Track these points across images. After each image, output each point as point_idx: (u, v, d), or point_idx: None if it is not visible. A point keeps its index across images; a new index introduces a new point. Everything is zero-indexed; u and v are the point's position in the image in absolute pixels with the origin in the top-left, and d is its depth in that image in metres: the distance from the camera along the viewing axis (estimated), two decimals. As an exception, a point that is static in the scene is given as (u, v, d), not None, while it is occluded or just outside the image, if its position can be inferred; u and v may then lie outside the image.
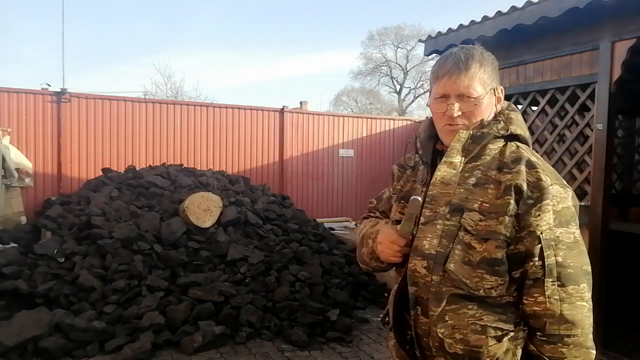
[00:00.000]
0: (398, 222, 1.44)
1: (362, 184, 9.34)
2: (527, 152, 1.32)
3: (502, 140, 1.35)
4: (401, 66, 30.96)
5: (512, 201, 1.24)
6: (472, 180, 1.31)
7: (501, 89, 1.41)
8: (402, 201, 1.46)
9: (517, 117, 1.40)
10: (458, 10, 40.56)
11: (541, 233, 1.23)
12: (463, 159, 1.34)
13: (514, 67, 4.33)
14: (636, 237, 5.15)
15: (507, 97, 4.41)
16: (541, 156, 4.33)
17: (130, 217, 5.35)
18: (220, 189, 6.41)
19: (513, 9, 3.91)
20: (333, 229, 6.91)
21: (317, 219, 7.09)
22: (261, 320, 4.40)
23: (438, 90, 1.36)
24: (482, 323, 1.26)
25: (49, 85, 7.17)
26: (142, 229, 5.12)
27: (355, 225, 7.80)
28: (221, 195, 5.86)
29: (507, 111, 1.41)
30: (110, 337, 3.90)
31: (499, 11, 4.06)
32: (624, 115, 6.30)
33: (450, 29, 4.57)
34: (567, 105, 3.93)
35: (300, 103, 11.12)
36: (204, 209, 5.48)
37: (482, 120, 1.35)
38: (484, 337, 1.26)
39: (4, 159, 6.05)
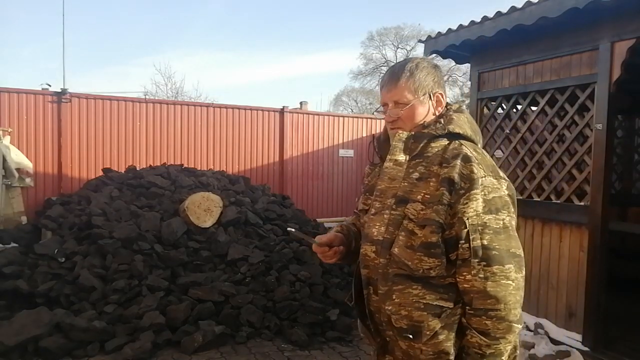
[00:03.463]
0: (362, 211, 1.66)
1: (362, 184, 9.34)
2: (468, 149, 1.44)
3: (446, 139, 1.49)
4: (401, 66, 30.95)
5: (445, 192, 1.39)
6: (416, 175, 1.47)
7: (441, 94, 1.56)
8: (367, 194, 1.64)
9: (459, 117, 1.53)
10: (458, 10, 40.55)
11: (467, 219, 1.37)
12: (407, 156, 1.51)
13: (513, 67, 4.33)
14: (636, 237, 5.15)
15: (507, 97, 4.45)
16: (541, 156, 4.34)
17: (130, 217, 5.35)
18: (221, 189, 6.42)
19: (513, 9, 3.91)
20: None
21: (317, 219, 7.09)
22: (261, 320, 4.41)
23: (380, 100, 1.59)
24: (424, 301, 1.41)
25: (50, 85, 7.19)
26: (143, 228, 5.13)
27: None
28: (221, 195, 5.87)
29: (451, 112, 1.55)
30: (110, 337, 3.91)
31: (498, 11, 4.06)
32: (624, 115, 6.31)
33: (449, 29, 4.58)
34: (567, 106, 3.94)
35: (300, 103, 11.13)
36: (204, 209, 5.49)
37: (424, 122, 1.53)
38: (425, 313, 1.41)
39: (4, 159, 6.05)
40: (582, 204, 3.79)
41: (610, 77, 3.52)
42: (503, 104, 4.54)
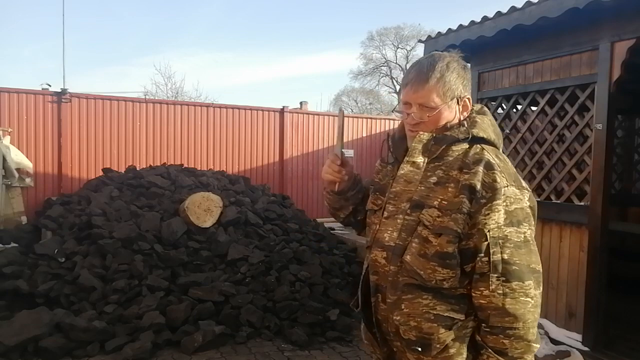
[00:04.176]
0: (370, 211, 1.55)
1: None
2: (490, 154, 1.37)
3: (467, 142, 1.40)
4: (401, 66, 30.95)
5: (465, 200, 1.31)
6: (434, 179, 1.38)
7: (468, 98, 1.45)
8: (377, 193, 1.54)
9: (482, 120, 1.45)
10: (458, 10, 40.56)
11: (488, 231, 1.30)
12: (426, 159, 1.41)
13: (513, 67, 4.33)
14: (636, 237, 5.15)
15: (507, 97, 4.45)
16: (541, 156, 4.34)
17: (130, 217, 5.35)
18: (221, 189, 6.42)
19: (513, 9, 3.91)
20: (333, 229, 6.91)
21: (317, 219, 7.10)
22: (261, 320, 4.41)
23: (402, 97, 1.45)
24: (435, 312, 1.35)
25: (50, 85, 7.18)
26: (143, 228, 5.13)
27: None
28: (221, 195, 5.87)
29: (474, 114, 1.46)
30: (110, 337, 3.91)
31: (498, 11, 4.07)
32: (624, 115, 6.31)
33: (449, 29, 4.58)
34: (567, 106, 3.94)
35: (300, 103, 11.13)
36: (204, 208, 5.49)
37: (446, 124, 1.42)
38: (435, 325, 1.34)
39: (4, 159, 6.05)
40: (582, 204, 3.79)
41: (610, 77, 3.52)
42: (503, 104, 4.54)
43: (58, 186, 6.92)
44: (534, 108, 4.38)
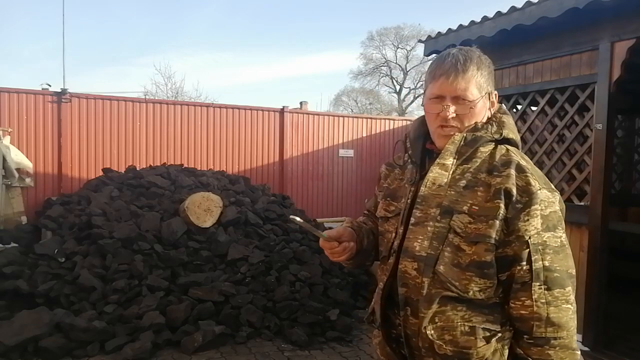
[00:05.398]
0: (383, 218, 1.49)
1: (362, 184, 9.34)
2: (517, 156, 1.32)
3: (493, 143, 1.35)
4: (401, 66, 30.98)
5: (502, 205, 1.24)
6: (463, 182, 1.31)
7: (495, 94, 1.40)
8: (388, 199, 1.48)
9: (509, 120, 1.40)
10: (458, 10, 40.58)
11: (529, 238, 1.24)
12: (455, 161, 1.33)
13: (513, 68, 4.34)
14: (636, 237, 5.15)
15: (507, 97, 4.45)
16: (541, 156, 4.34)
17: (130, 217, 5.35)
18: (221, 189, 6.42)
19: (513, 9, 3.92)
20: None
21: (317, 219, 7.10)
22: (261, 320, 4.41)
23: (434, 90, 1.35)
24: (470, 324, 1.27)
25: (50, 85, 7.18)
26: (143, 228, 5.12)
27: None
28: (221, 195, 5.87)
29: (499, 114, 1.41)
30: (110, 337, 3.91)
31: (498, 11, 4.07)
32: (624, 115, 6.31)
33: (450, 29, 4.58)
34: (567, 106, 3.94)
35: (300, 103, 11.12)
36: (204, 208, 5.49)
37: (475, 123, 1.35)
38: (472, 338, 1.26)
39: (4, 159, 6.05)
40: (582, 204, 3.79)
41: (610, 77, 3.52)
42: (503, 104, 4.54)
43: (58, 186, 6.92)
44: (534, 108, 4.38)
